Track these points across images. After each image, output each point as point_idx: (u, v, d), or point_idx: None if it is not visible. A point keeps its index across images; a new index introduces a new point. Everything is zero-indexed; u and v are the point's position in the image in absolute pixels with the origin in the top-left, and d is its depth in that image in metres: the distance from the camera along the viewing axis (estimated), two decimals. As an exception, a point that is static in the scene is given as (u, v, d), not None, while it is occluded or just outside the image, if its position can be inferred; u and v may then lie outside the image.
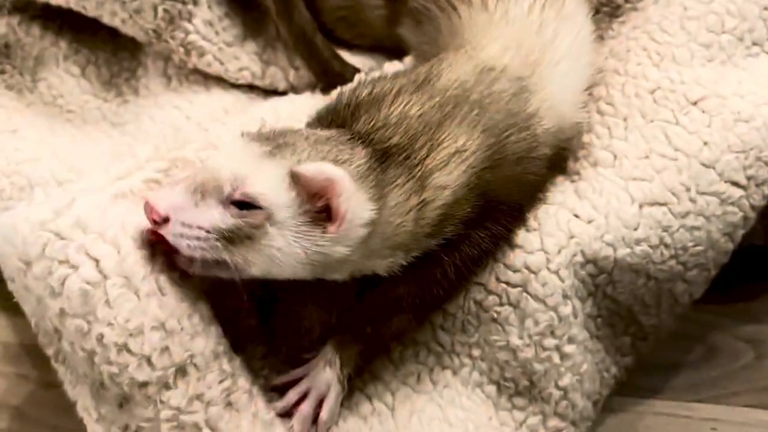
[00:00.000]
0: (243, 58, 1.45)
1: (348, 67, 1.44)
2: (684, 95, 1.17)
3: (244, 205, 0.96)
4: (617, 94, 1.22)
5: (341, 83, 1.38)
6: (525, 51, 1.17)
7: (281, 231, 0.97)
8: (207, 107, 1.44)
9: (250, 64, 1.45)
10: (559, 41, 1.19)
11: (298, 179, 0.96)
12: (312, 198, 0.97)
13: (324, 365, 1.12)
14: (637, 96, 1.20)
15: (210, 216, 0.95)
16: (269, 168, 0.97)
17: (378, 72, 1.36)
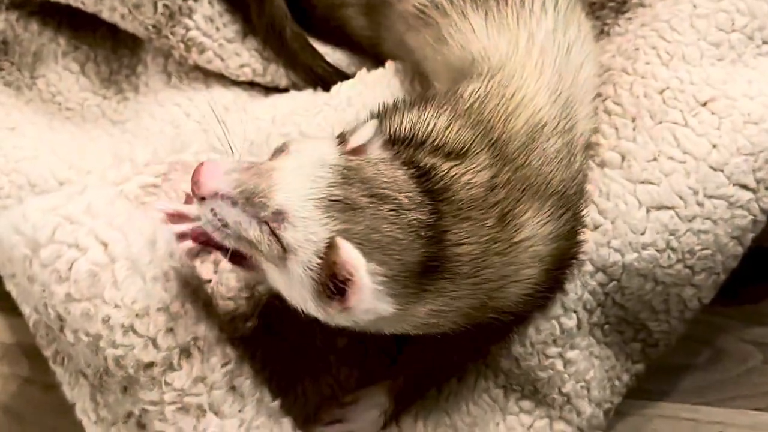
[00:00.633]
0: (244, 54, 1.43)
1: (319, 61, 1.43)
2: (693, 96, 1.15)
3: (269, 227, 0.91)
4: (625, 93, 1.20)
5: (313, 77, 1.38)
6: (561, 89, 1.12)
7: (297, 271, 0.91)
8: (207, 105, 1.41)
9: (251, 60, 1.44)
10: (584, 69, 1.17)
11: (332, 247, 0.88)
12: (336, 266, 0.89)
13: (376, 412, 1.13)
14: (646, 96, 1.18)
15: (241, 220, 0.91)
16: (317, 220, 0.89)
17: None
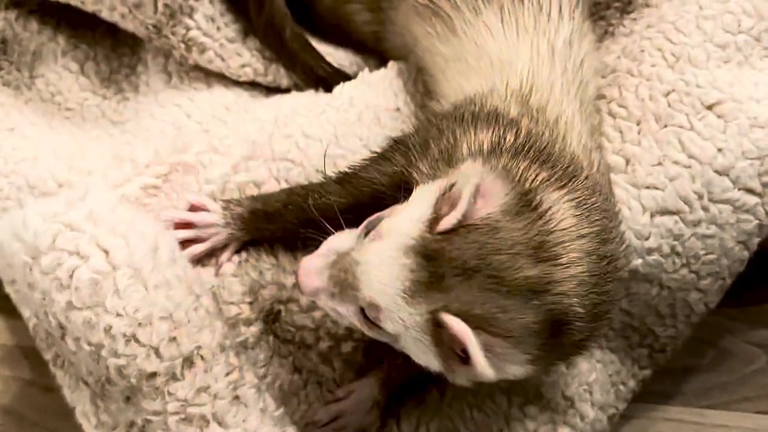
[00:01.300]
0: (245, 54, 1.42)
1: (320, 61, 1.41)
2: (699, 99, 1.14)
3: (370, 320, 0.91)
4: (630, 96, 1.19)
5: (313, 78, 1.37)
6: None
7: (416, 348, 0.90)
8: (208, 105, 1.40)
9: (252, 60, 1.42)
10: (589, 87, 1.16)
11: (440, 322, 0.85)
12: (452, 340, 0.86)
13: (368, 403, 1.12)
14: (651, 99, 1.17)
15: (342, 311, 0.94)
16: (410, 308, 0.87)
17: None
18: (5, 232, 1.03)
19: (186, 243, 1.13)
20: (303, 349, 1.16)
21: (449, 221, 0.86)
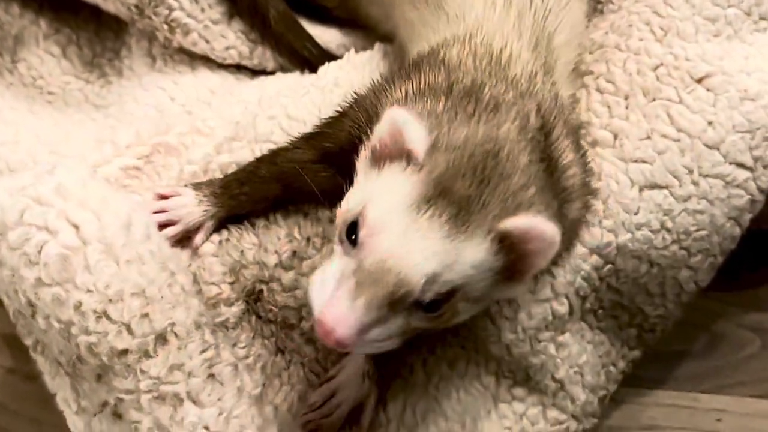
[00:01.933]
0: (230, 36, 1.40)
1: (306, 42, 1.40)
2: (688, 72, 1.13)
3: (435, 303, 0.85)
4: (618, 70, 1.18)
5: (299, 59, 1.37)
6: (538, 54, 1.10)
7: (471, 299, 0.87)
8: (193, 88, 1.39)
9: (237, 43, 1.41)
10: (558, 36, 1.13)
11: (505, 237, 0.84)
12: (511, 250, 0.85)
13: (359, 375, 1.11)
14: (639, 73, 1.15)
15: (398, 325, 0.84)
16: (471, 243, 0.84)
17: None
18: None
19: (163, 227, 1.11)
20: (285, 329, 1.14)
21: (421, 146, 0.87)
